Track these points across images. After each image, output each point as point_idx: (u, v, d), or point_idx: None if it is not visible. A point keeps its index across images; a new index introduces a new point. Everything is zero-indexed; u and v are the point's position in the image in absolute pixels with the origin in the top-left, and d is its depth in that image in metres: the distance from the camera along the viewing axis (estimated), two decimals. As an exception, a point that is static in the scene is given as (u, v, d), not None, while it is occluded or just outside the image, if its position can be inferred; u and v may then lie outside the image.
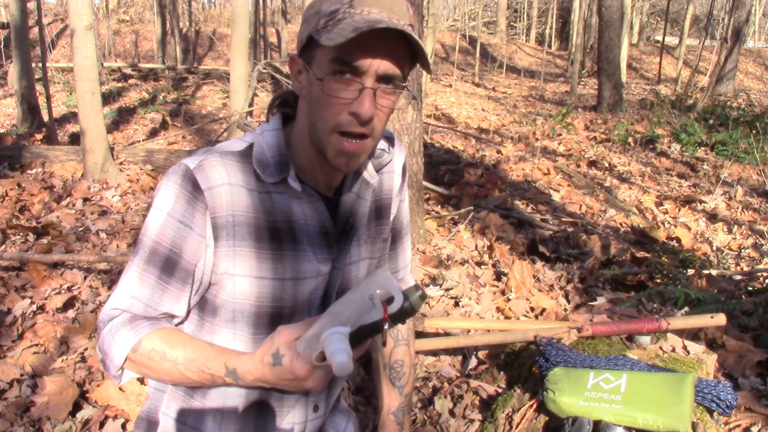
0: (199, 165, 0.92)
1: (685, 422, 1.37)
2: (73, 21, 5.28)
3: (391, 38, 0.83)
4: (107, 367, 0.95)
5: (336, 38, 0.81)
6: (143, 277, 0.93)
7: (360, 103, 0.85)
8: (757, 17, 27.58)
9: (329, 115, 0.87)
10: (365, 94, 0.85)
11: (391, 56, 0.85)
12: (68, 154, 5.89)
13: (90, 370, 2.36)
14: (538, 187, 5.77)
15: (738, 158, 7.37)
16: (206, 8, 26.49)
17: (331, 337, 0.75)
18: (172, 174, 0.93)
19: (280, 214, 0.95)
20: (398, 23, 0.83)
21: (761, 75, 20.80)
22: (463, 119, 10.45)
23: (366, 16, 0.83)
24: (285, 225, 0.96)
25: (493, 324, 2.48)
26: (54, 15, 19.28)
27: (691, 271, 3.27)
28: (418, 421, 2.06)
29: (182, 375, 0.90)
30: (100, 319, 0.96)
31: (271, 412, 1.04)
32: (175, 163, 0.96)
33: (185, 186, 0.91)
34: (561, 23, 25.57)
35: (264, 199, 0.95)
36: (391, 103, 0.90)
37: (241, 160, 0.95)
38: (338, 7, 0.85)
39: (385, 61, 0.85)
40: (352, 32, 0.79)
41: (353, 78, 0.85)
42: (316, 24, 0.86)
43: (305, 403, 1.06)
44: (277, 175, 0.94)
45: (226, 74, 11.79)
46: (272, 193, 0.95)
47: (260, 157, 0.95)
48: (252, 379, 0.86)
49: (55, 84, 11.12)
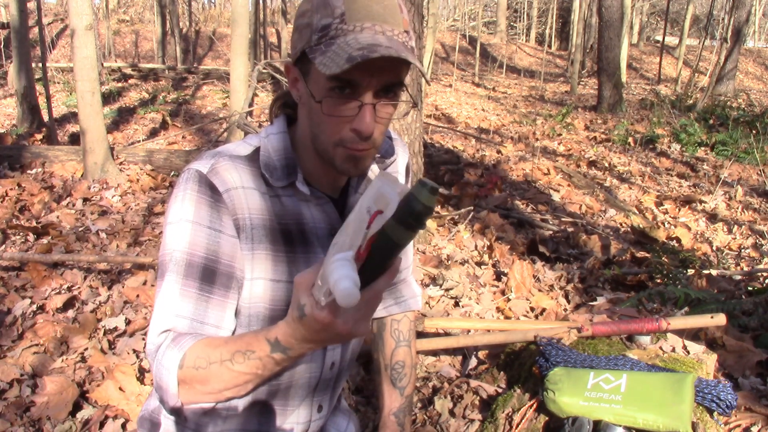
0: (213, 169, 0.90)
1: (685, 422, 1.37)
2: (73, 21, 5.28)
3: (392, 58, 0.81)
4: (166, 401, 0.86)
5: (331, 66, 0.79)
6: (184, 293, 0.88)
7: (360, 120, 0.84)
8: (757, 17, 27.58)
9: (331, 131, 0.87)
10: (365, 111, 0.84)
11: (388, 71, 0.84)
12: (68, 154, 5.89)
13: (90, 370, 2.36)
14: (538, 187, 5.77)
15: (738, 158, 7.37)
16: (206, 8, 26.49)
17: (331, 266, 0.63)
18: (186, 182, 0.90)
19: (290, 217, 0.96)
20: (393, 38, 0.82)
21: (761, 75, 20.80)
22: (463, 119, 10.44)
23: (359, 36, 0.81)
24: (296, 228, 0.96)
25: (493, 324, 2.48)
26: (54, 15, 19.28)
27: (691, 271, 3.27)
28: (418, 421, 2.06)
29: (231, 371, 0.81)
30: (148, 351, 0.88)
31: (274, 413, 1.04)
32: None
33: (203, 191, 0.89)
34: (561, 23, 25.57)
35: (274, 203, 0.94)
36: (391, 113, 0.90)
37: (249, 164, 0.94)
38: (330, 21, 0.82)
39: (383, 76, 0.84)
40: (346, 62, 0.78)
41: (351, 93, 0.84)
42: (309, 39, 0.85)
43: (310, 403, 1.06)
44: (285, 179, 0.94)
45: (226, 74, 11.78)
46: (281, 197, 0.95)
47: (267, 161, 0.95)
48: (295, 341, 0.76)
49: (55, 84, 11.12)
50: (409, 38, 0.87)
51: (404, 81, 0.88)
